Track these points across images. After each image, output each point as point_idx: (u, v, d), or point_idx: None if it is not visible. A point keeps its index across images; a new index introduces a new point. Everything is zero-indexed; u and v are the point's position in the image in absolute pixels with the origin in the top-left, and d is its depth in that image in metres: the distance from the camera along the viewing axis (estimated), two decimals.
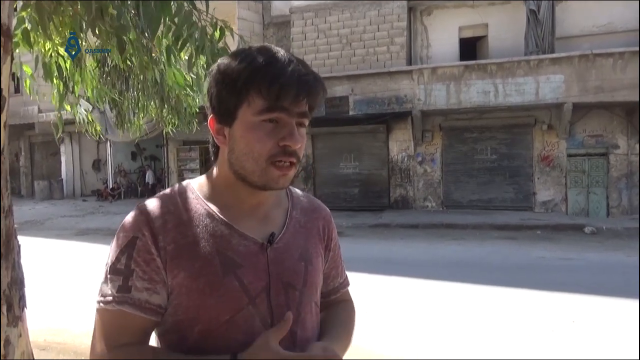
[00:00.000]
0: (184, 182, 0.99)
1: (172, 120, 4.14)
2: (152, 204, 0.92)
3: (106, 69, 3.72)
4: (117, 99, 3.85)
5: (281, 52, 0.87)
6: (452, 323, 4.75)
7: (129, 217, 0.90)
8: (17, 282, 1.92)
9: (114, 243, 0.89)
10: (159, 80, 3.40)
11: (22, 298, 1.97)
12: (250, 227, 0.92)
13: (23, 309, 1.98)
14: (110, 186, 19.15)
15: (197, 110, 3.93)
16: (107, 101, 3.91)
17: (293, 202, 1.04)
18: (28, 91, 3.36)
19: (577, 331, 4.45)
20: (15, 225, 2.03)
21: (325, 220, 1.08)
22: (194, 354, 0.86)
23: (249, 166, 0.87)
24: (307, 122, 0.90)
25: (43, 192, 19.42)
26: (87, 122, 4.17)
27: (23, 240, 2.10)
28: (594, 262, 7.39)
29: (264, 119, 0.85)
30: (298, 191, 1.09)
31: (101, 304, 0.87)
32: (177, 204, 0.92)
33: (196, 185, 0.96)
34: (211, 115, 0.92)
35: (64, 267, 7.71)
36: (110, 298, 0.86)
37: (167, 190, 0.97)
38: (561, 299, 5.42)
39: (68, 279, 6.82)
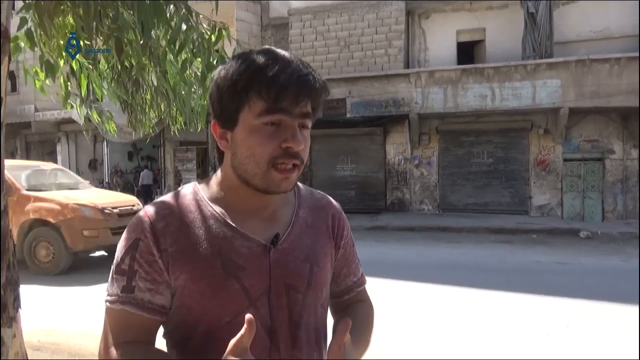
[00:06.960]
0: (190, 184, 0.99)
1: (180, 119, 4.10)
2: (156, 206, 0.92)
3: (117, 69, 3.69)
4: (127, 100, 3.82)
5: (281, 53, 0.86)
6: (447, 326, 4.75)
7: (134, 219, 0.91)
8: (12, 283, 1.92)
9: (119, 244, 0.90)
10: (155, 83, 3.38)
11: (16, 299, 1.96)
12: (254, 228, 0.91)
13: (17, 310, 1.98)
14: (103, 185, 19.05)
15: (199, 110, 3.89)
16: (118, 102, 3.89)
17: (300, 200, 1.02)
18: (42, 91, 3.39)
19: (571, 335, 4.46)
20: (10, 226, 2.03)
21: (334, 217, 1.05)
22: (199, 355, 0.87)
23: (251, 169, 0.86)
24: (310, 123, 0.88)
25: None
26: (103, 121, 4.11)
27: None
28: (589, 267, 7.41)
29: (265, 121, 0.84)
30: (307, 188, 1.07)
31: (108, 303, 0.89)
32: (181, 206, 0.91)
33: (201, 188, 0.96)
34: (214, 120, 0.92)
35: None
36: (115, 298, 0.87)
37: (172, 193, 0.97)
38: (556, 303, 5.44)
39: (61, 279, 6.79)
